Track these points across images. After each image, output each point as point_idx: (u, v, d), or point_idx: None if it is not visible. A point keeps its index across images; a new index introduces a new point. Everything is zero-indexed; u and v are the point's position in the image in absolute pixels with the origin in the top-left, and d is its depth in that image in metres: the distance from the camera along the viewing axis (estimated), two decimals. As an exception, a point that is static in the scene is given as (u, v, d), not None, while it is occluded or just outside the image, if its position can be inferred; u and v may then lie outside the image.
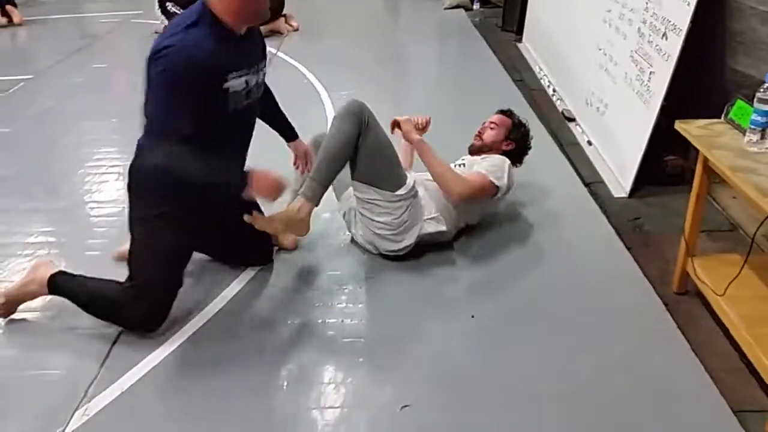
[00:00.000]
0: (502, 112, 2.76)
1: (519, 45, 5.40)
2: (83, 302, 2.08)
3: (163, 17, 5.68)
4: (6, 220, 2.82)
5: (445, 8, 6.79)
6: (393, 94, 4.41)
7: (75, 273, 2.13)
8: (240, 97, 1.97)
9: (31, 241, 2.63)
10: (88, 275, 2.12)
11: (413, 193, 2.35)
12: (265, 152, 2.35)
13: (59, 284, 2.09)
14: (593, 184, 3.05)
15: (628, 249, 2.49)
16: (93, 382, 1.87)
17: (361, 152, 2.26)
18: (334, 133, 2.24)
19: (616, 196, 2.95)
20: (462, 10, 6.68)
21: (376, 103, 4.13)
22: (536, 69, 4.76)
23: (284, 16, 5.86)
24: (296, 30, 5.90)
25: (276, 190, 1.96)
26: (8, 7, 6.38)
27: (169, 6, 5.64)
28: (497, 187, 2.41)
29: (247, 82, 1.98)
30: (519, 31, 5.53)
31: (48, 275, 2.10)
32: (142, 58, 1.85)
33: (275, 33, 5.72)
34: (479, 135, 2.68)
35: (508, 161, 2.53)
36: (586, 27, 3.78)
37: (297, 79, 4.60)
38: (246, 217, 2.02)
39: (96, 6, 7.42)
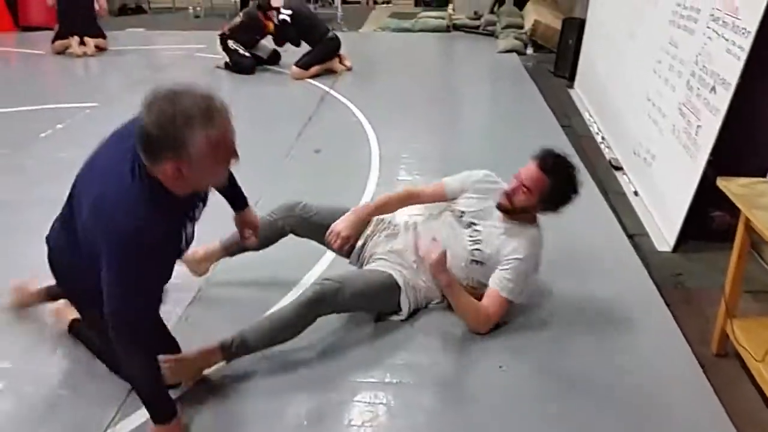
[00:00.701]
0: (542, 167, 2.21)
1: (570, 91, 5.39)
2: (95, 352, 2.12)
3: (224, 54, 5.93)
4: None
5: (499, 52, 6.85)
6: (440, 134, 4.45)
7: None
8: (189, 235, 1.82)
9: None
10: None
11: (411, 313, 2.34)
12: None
13: (75, 334, 2.19)
14: (636, 236, 2.99)
15: (668, 305, 2.42)
16: (122, 406, 1.92)
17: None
18: (290, 317, 2.06)
19: (659, 249, 2.88)
20: (515, 54, 6.72)
21: (423, 143, 4.25)
22: (586, 115, 4.73)
23: (339, 56, 6.02)
24: (349, 69, 6.04)
25: None
26: (86, 38, 6.73)
27: (231, 43, 5.89)
28: (511, 302, 2.28)
29: (193, 219, 1.83)
30: (571, 77, 5.52)
31: (67, 326, 2.19)
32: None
33: (330, 72, 5.89)
34: (509, 196, 2.27)
35: (534, 261, 2.29)
36: (637, 76, 3.75)
37: (346, 118, 4.71)
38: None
39: (164, 39, 7.81)
